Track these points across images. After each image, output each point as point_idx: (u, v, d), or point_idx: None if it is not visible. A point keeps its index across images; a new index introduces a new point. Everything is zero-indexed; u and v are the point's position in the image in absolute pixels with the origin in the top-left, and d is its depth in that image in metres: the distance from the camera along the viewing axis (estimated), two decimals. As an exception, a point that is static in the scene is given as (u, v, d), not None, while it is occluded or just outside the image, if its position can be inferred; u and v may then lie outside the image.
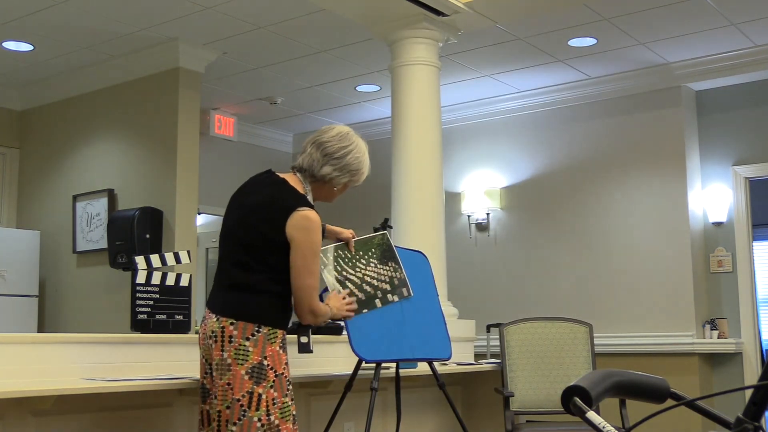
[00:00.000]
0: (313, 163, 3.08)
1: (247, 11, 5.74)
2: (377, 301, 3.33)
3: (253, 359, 2.84)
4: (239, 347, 2.85)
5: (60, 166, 7.25)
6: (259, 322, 2.90)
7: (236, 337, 2.86)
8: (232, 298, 2.96)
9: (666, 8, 5.69)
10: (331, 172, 3.09)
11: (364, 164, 3.17)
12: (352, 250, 3.36)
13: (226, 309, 2.93)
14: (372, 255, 3.42)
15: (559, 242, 7.28)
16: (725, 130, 6.91)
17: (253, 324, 2.88)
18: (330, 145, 3.10)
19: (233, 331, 2.87)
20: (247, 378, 2.82)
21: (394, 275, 3.40)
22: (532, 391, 5.12)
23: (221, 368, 2.87)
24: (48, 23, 5.95)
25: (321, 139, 3.13)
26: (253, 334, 2.87)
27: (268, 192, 3.03)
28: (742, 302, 6.72)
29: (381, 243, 3.46)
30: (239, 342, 2.85)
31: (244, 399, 2.82)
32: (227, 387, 2.84)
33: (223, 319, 2.90)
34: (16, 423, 3.08)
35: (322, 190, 3.15)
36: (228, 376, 2.84)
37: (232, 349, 2.85)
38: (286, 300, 3.00)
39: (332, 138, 3.13)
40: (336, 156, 3.09)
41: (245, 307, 2.91)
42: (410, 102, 5.56)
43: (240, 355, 2.85)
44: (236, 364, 2.84)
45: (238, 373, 2.83)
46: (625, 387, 1.38)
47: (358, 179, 3.18)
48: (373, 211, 7.39)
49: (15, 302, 6.73)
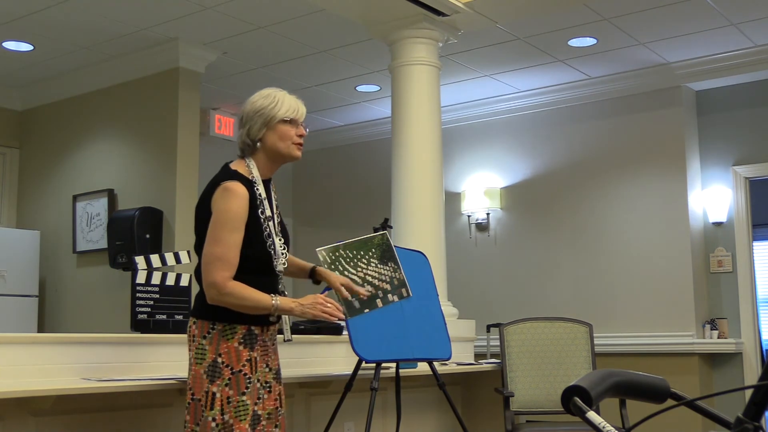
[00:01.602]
0: (241, 137, 2.98)
1: (247, 11, 5.74)
2: (378, 301, 3.33)
3: (209, 357, 2.80)
4: (199, 346, 2.82)
5: (60, 166, 7.25)
6: (212, 319, 2.82)
7: (197, 337, 2.84)
8: (197, 297, 2.94)
9: (666, 8, 5.69)
10: (245, 132, 2.95)
11: (268, 99, 2.99)
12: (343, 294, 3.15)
13: (192, 309, 2.94)
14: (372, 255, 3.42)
15: (560, 242, 7.28)
16: (725, 130, 6.91)
17: (207, 321, 2.83)
18: (240, 114, 3.03)
19: (195, 330, 2.85)
20: (205, 377, 2.78)
21: (394, 275, 3.40)
22: (532, 391, 5.12)
23: (189, 368, 2.87)
24: (48, 23, 5.95)
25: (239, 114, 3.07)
26: (208, 332, 2.82)
27: (214, 178, 2.96)
28: (742, 302, 6.72)
29: (381, 243, 3.46)
30: (198, 341, 2.83)
31: (203, 399, 2.78)
32: (188, 388, 2.83)
33: (191, 319, 2.89)
34: (16, 423, 3.08)
35: (262, 153, 2.97)
36: (190, 376, 2.83)
37: (194, 348, 2.84)
38: None
39: (246, 106, 3.02)
40: (242, 119, 2.99)
41: (198, 305, 2.88)
42: (410, 102, 5.56)
43: (199, 354, 2.82)
44: (196, 364, 2.82)
45: (198, 373, 2.80)
46: (625, 387, 1.38)
47: (275, 112, 2.97)
48: (373, 211, 7.39)
49: (15, 302, 6.73)
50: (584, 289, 7.09)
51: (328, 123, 8.53)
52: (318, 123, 8.54)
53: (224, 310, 2.81)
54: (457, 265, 7.19)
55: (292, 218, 8.94)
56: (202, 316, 2.84)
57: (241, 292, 2.78)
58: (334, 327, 4.51)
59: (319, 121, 8.49)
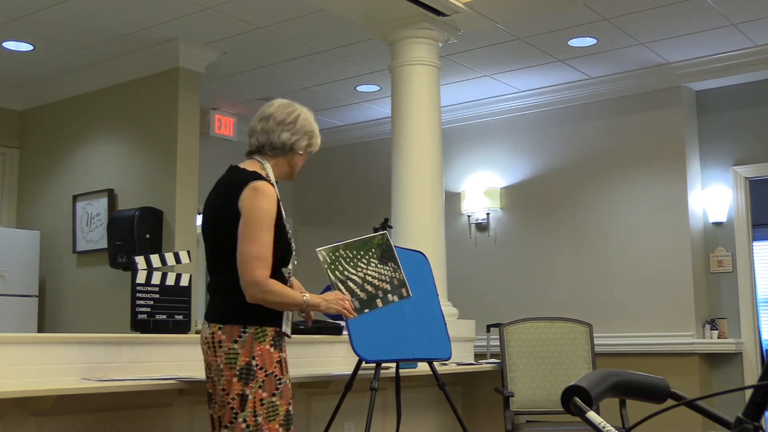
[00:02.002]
0: (270, 135, 3.01)
1: (247, 11, 5.74)
2: (378, 301, 3.33)
3: (242, 361, 2.82)
4: (229, 351, 2.83)
5: (60, 166, 7.25)
6: (244, 323, 2.84)
7: (225, 342, 2.84)
8: (215, 302, 2.95)
9: (666, 8, 5.69)
10: (290, 137, 3.03)
11: (315, 127, 3.17)
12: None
13: (212, 315, 2.91)
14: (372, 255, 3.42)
15: (560, 242, 7.28)
16: (725, 130, 6.91)
17: (238, 326, 2.84)
18: (278, 114, 3.03)
19: (222, 336, 2.85)
20: (236, 380, 2.81)
21: (394, 275, 3.40)
22: (532, 391, 5.12)
23: (217, 373, 2.87)
24: (48, 23, 5.95)
25: (266, 113, 3.05)
26: (240, 336, 2.83)
27: (222, 182, 3.01)
28: (742, 302, 6.72)
29: (381, 243, 3.46)
30: (229, 346, 2.83)
31: (234, 402, 2.81)
32: (222, 392, 2.85)
33: (213, 325, 2.88)
34: (16, 423, 3.08)
35: (285, 162, 3.08)
36: (223, 381, 2.84)
37: (223, 354, 2.84)
38: None
39: (277, 109, 3.05)
40: (288, 121, 3.04)
41: (227, 310, 2.88)
42: (410, 102, 5.56)
43: (231, 358, 2.83)
44: (228, 368, 2.83)
45: (232, 376, 2.82)
46: (625, 387, 1.38)
47: (316, 142, 3.16)
48: (373, 211, 7.39)
49: (15, 302, 6.73)
50: (584, 289, 7.09)
51: (328, 123, 8.52)
52: (318, 123, 8.52)
53: (257, 314, 2.84)
54: (457, 265, 7.19)
55: (292, 218, 8.94)
56: (230, 321, 2.85)
57: (280, 289, 2.87)
58: (334, 327, 4.51)
59: (319, 121, 8.45)
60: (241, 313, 2.85)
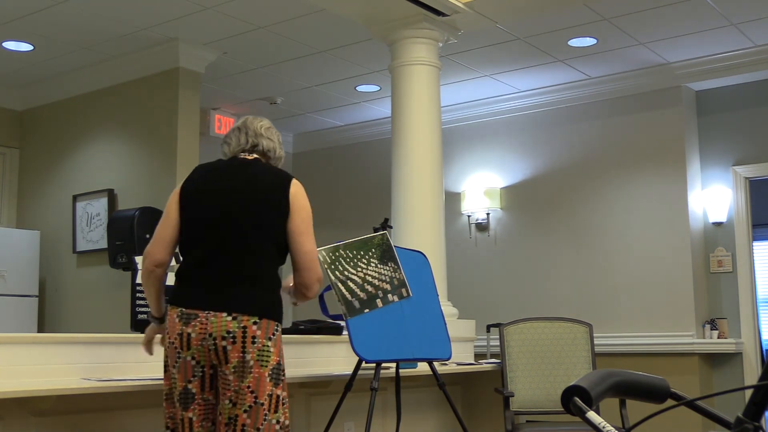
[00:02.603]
0: (276, 147, 3.14)
1: (247, 11, 5.74)
2: (378, 301, 3.33)
3: (273, 360, 2.77)
4: (263, 348, 2.74)
5: (60, 166, 7.25)
6: (278, 320, 2.84)
7: (259, 338, 2.75)
8: (252, 294, 2.82)
9: (666, 8, 5.69)
10: (283, 154, 3.19)
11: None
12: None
13: (247, 307, 2.78)
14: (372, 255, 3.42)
15: (559, 242, 7.28)
16: (725, 130, 6.91)
17: (274, 323, 2.82)
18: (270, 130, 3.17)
19: (256, 331, 2.75)
20: (269, 380, 2.74)
21: (394, 275, 3.40)
22: (532, 391, 5.12)
23: (241, 370, 2.74)
24: (48, 23, 5.95)
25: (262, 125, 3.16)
26: (274, 333, 2.80)
27: (252, 171, 3.01)
28: (742, 302, 6.72)
29: (381, 243, 3.46)
30: (263, 342, 2.75)
31: (266, 402, 2.73)
32: (247, 390, 2.73)
33: (244, 318, 2.75)
34: (16, 423, 3.08)
35: None
36: (249, 378, 2.73)
37: (255, 350, 2.74)
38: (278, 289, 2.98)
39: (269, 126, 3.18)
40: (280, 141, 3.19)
41: (268, 305, 2.83)
42: (410, 102, 5.56)
43: (264, 356, 2.74)
44: (259, 366, 2.73)
45: (263, 376, 2.73)
46: (625, 387, 1.38)
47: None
48: (373, 211, 7.39)
49: (15, 302, 6.73)
50: (584, 289, 7.09)
51: (328, 123, 8.53)
52: (318, 123, 8.54)
53: (281, 311, 2.89)
54: (457, 265, 7.20)
55: (292, 218, 8.93)
56: (270, 316, 2.81)
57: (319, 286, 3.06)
58: (334, 327, 4.51)
59: (319, 121, 8.49)
60: (277, 309, 2.86)
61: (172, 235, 2.97)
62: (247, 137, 3.09)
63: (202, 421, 2.82)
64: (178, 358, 2.83)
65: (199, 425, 2.81)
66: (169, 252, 2.97)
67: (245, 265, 2.87)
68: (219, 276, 2.86)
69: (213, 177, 3.03)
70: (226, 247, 2.88)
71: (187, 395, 2.82)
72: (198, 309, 2.82)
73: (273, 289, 2.88)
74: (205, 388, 2.84)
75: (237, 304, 2.79)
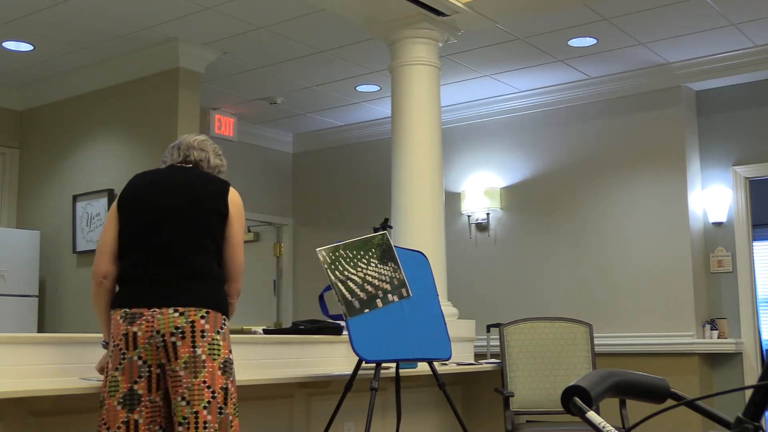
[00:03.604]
0: (209, 157, 3.16)
1: (247, 11, 5.74)
2: (378, 301, 3.33)
3: (224, 353, 2.79)
4: (212, 342, 2.75)
5: (60, 166, 7.25)
6: (225, 313, 2.88)
7: (208, 331, 2.75)
8: (196, 288, 2.83)
9: (666, 8, 5.69)
10: (221, 162, 3.20)
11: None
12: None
13: (194, 301, 2.79)
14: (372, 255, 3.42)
15: (559, 242, 7.28)
16: (725, 130, 6.91)
17: (222, 315, 2.84)
18: (204, 143, 3.21)
19: (205, 324, 2.75)
20: (220, 373, 2.75)
21: (394, 275, 3.40)
22: (532, 391, 5.12)
23: (193, 366, 2.72)
24: (48, 23, 5.95)
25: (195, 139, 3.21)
26: (222, 327, 2.83)
27: (191, 175, 3.07)
28: (742, 302, 6.72)
29: (381, 243, 3.46)
30: (212, 336, 2.75)
31: (219, 395, 2.74)
32: (203, 386, 2.71)
33: (191, 313, 2.75)
34: (16, 423, 3.08)
35: None
36: (203, 373, 2.72)
37: (205, 344, 2.73)
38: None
39: (203, 139, 3.23)
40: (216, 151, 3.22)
41: (215, 298, 2.85)
42: (410, 102, 5.56)
43: (214, 349, 2.75)
44: (211, 360, 2.74)
45: (215, 369, 2.74)
46: (625, 387, 1.38)
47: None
48: (373, 211, 7.40)
49: (15, 302, 6.73)
50: (584, 289, 7.09)
51: (328, 123, 8.52)
52: (318, 123, 8.54)
53: (227, 304, 2.93)
54: (457, 265, 7.20)
55: (292, 218, 8.94)
56: (217, 309, 2.84)
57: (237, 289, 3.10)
58: (334, 327, 4.51)
59: (319, 121, 8.49)
60: (224, 304, 2.89)
61: (113, 246, 2.99)
62: (179, 151, 3.16)
63: (149, 424, 2.76)
64: (122, 360, 2.80)
65: (146, 428, 2.75)
66: (112, 262, 2.99)
67: (188, 261, 2.87)
68: (162, 274, 2.86)
69: (151, 181, 3.06)
70: (167, 246, 2.90)
71: (133, 397, 2.77)
72: (143, 308, 2.81)
73: (217, 284, 2.91)
74: (152, 389, 2.79)
75: (183, 299, 2.79)
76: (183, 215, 2.93)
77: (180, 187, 3.01)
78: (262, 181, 8.73)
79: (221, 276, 2.94)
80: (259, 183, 8.66)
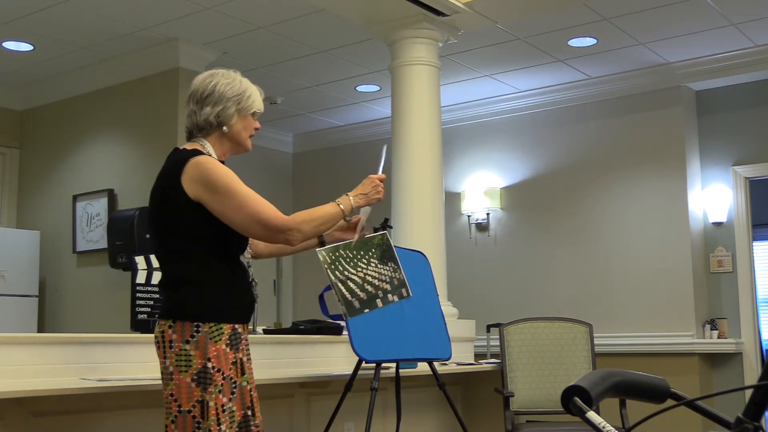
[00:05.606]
0: (193, 117, 2.71)
1: (247, 11, 5.74)
2: (378, 301, 3.33)
3: (197, 363, 2.51)
4: (180, 352, 2.52)
5: (60, 166, 7.25)
6: (198, 320, 2.53)
7: (176, 342, 2.53)
8: (166, 297, 2.63)
9: (666, 8, 5.69)
10: (211, 111, 2.69)
11: (242, 85, 2.77)
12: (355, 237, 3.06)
13: (162, 311, 2.61)
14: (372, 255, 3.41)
15: (559, 242, 7.28)
16: (725, 130, 6.91)
17: (190, 323, 2.53)
18: (195, 90, 2.73)
19: (172, 335, 2.54)
20: (195, 385, 2.50)
21: (394, 275, 3.40)
22: (532, 391, 5.12)
23: (165, 377, 2.57)
24: (48, 23, 5.95)
25: (189, 92, 2.76)
26: (192, 336, 2.52)
27: (161, 168, 2.73)
28: (742, 302, 6.72)
29: (381, 243, 3.46)
30: (179, 347, 2.52)
31: (195, 409, 2.50)
32: (171, 399, 2.54)
33: (162, 323, 2.58)
34: (16, 423, 3.08)
35: (224, 137, 2.74)
36: (171, 386, 2.53)
37: (173, 355, 2.53)
38: (225, 285, 2.64)
39: (196, 83, 2.75)
40: (206, 95, 2.70)
41: (179, 305, 2.57)
42: (410, 102, 5.56)
43: (182, 361, 2.52)
44: (179, 372, 2.52)
45: (183, 382, 2.51)
46: (625, 387, 1.38)
47: (249, 103, 2.77)
48: (374, 211, 7.39)
49: (15, 302, 6.73)
50: (584, 289, 7.09)
51: (328, 123, 8.52)
52: (318, 123, 8.54)
53: (210, 307, 2.57)
54: (457, 265, 7.19)
55: (292, 218, 8.92)
56: (182, 318, 2.54)
57: (308, 214, 2.71)
58: (334, 327, 4.51)
59: (319, 121, 8.49)
60: (196, 308, 2.55)
61: None
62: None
63: None
64: None
65: None
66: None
67: (162, 269, 2.72)
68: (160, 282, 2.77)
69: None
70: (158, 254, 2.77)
71: None
72: None
73: (190, 288, 2.59)
74: None
75: (160, 309, 2.66)
76: (154, 218, 2.71)
77: (154, 185, 2.72)
78: (262, 181, 8.72)
79: (187, 277, 2.60)
80: (259, 183, 8.63)
